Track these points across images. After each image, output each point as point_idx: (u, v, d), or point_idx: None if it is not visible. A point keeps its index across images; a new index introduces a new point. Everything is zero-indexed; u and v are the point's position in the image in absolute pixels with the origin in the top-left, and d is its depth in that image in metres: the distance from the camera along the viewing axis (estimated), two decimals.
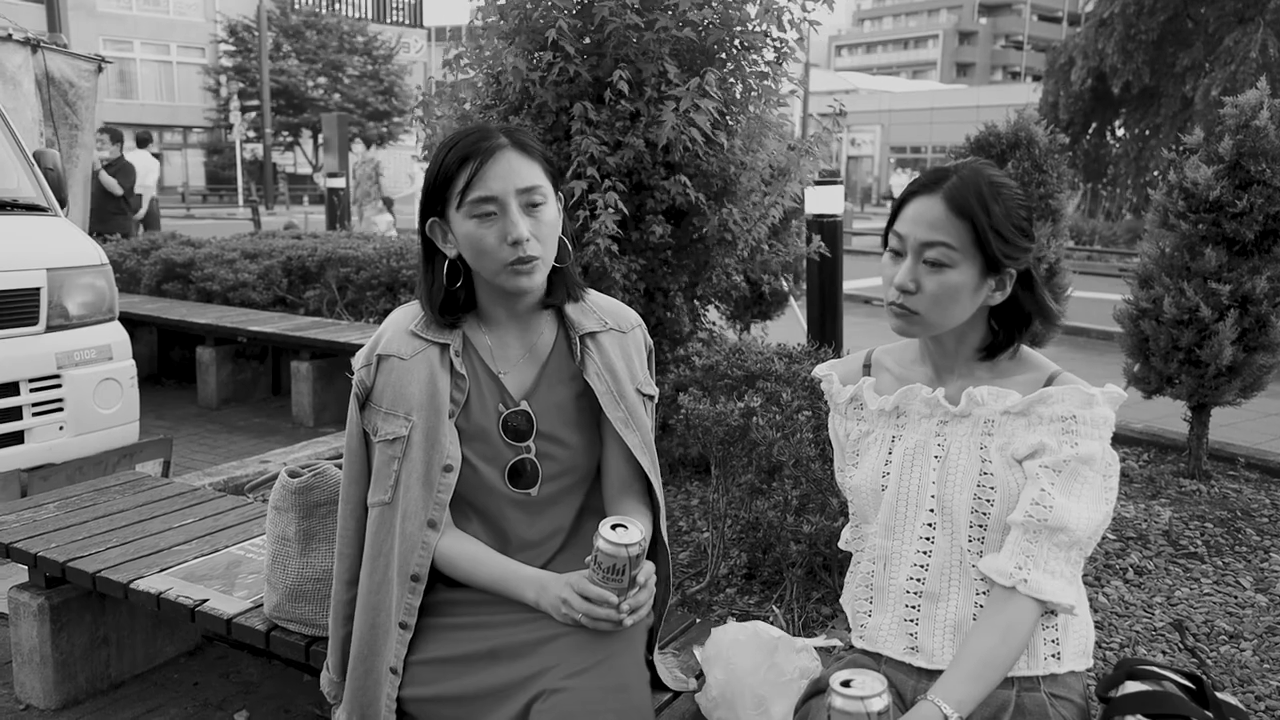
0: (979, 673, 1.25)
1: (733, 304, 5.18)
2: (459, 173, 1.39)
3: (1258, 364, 3.59)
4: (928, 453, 1.40)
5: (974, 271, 1.31)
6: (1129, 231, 15.63)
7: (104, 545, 2.22)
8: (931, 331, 1.38)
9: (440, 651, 1.42)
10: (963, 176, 1.33)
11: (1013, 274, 1.35)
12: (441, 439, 1.43)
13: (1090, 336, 8.42)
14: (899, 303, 1.34)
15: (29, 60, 5.70)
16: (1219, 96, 12.78)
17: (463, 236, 1.41)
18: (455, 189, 1.39)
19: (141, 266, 6.57)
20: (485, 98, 3.39)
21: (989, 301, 1.36)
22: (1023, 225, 1.34)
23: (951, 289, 1.31)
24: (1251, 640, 2.55)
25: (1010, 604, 1.28)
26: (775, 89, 3.46)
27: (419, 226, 1.48)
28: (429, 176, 1.43)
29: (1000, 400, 1.35)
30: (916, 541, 1.40)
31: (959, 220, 1.30)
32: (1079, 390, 1.33)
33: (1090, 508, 1.29)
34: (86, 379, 3.57)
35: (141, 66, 32.71)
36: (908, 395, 1.43)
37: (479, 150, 1.38)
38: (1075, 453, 1.29)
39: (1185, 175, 3.59)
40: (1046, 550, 1.28)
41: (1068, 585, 1.29)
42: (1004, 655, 1.26)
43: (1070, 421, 1.31)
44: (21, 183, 3.88)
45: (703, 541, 2.99)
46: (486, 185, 1.38)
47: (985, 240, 1.29)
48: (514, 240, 1.38)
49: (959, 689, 1.23)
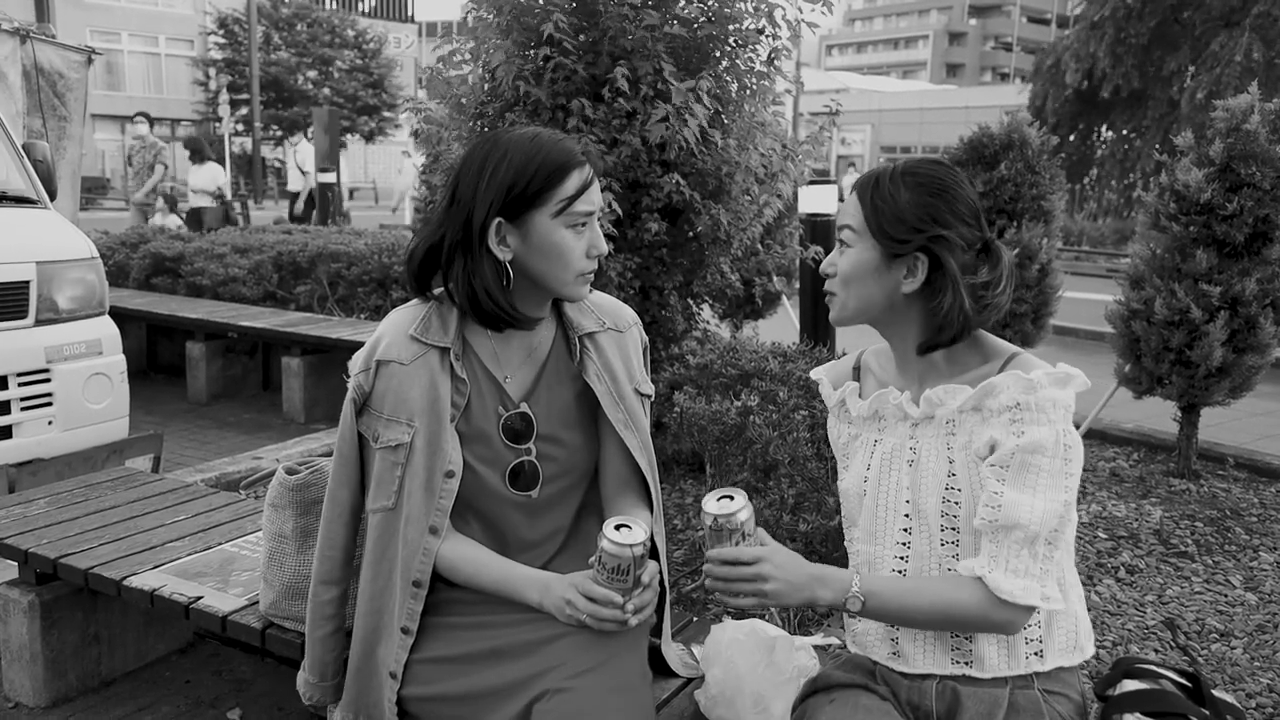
0: (907, 588, 1.32)
1: (726, 303, 5.18)
2: (564, 181, 1.38)
3: (1247, 365, 3.63)
4: (902, 457, 1.39)
5: (873, 251, 1.34)
6: (1117, 233, 15.73)
7: (96, 541, 2.20)
8: (850, 314, 1.40)
9: (442, 651, 1.41)
10: (880, 168, 1.38)
11: (923, 260, 1.32)
12: (444, 445, 1.42)
13: (1079, 337, 8.48)
14: (825, 288, 1.43)
15: (17, 51, 5.64)
16: (1204, 99, 12.89)
17: (546, 243, 1.39)
18: (558, 196, 1.38)
19: (130, 260, 6.53)
20: (480, 94, 3.37)
21: (904, 289, 1.34)
22: (924, 211, 1.31)
23: (854, 267, 1.36)
24: (1242, 638, 2.57)
25: (966, 583, 1.29)
26: (770, 87, 3.46)
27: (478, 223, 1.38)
28: (518, 176, 1.37)
29: (955, 398, 1.34)
30: (894, 546, 1.40)
31: (858, 203, 1.37)
32: (1019, 376, 1.29)
33: (1046, 497, 1.26)
34: (76, 373, 3.54)
35: (129, 58, 32.43)
36: (881, 400, 1.43)
37: (583, 162, 1.40)
38: (1020, 443, 1.26)
39: (1176, 178, 3.62)
40: (1007, 549, 1.26)
41: (1033, 582, 1.26)
42: (935, 598, 1.29)
43: (1015, 410, 1.28)
44: (10, 175, 3.84)
45: (698, 539, 2.99)
46: (590, 199, 1.41)
47: (871, 219, 1.34)
48: (597, 254, 1.44)
49: (881, 584, 1.31)
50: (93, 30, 28.15)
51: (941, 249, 1.31)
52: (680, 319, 3.58)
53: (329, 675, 1.54)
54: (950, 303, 1.31)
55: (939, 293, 1.32)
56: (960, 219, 1.33)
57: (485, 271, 1.40)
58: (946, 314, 1.31)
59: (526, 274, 1.42)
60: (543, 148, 1.39)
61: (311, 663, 1.55)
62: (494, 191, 1.38)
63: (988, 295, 1.34)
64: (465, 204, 1.40)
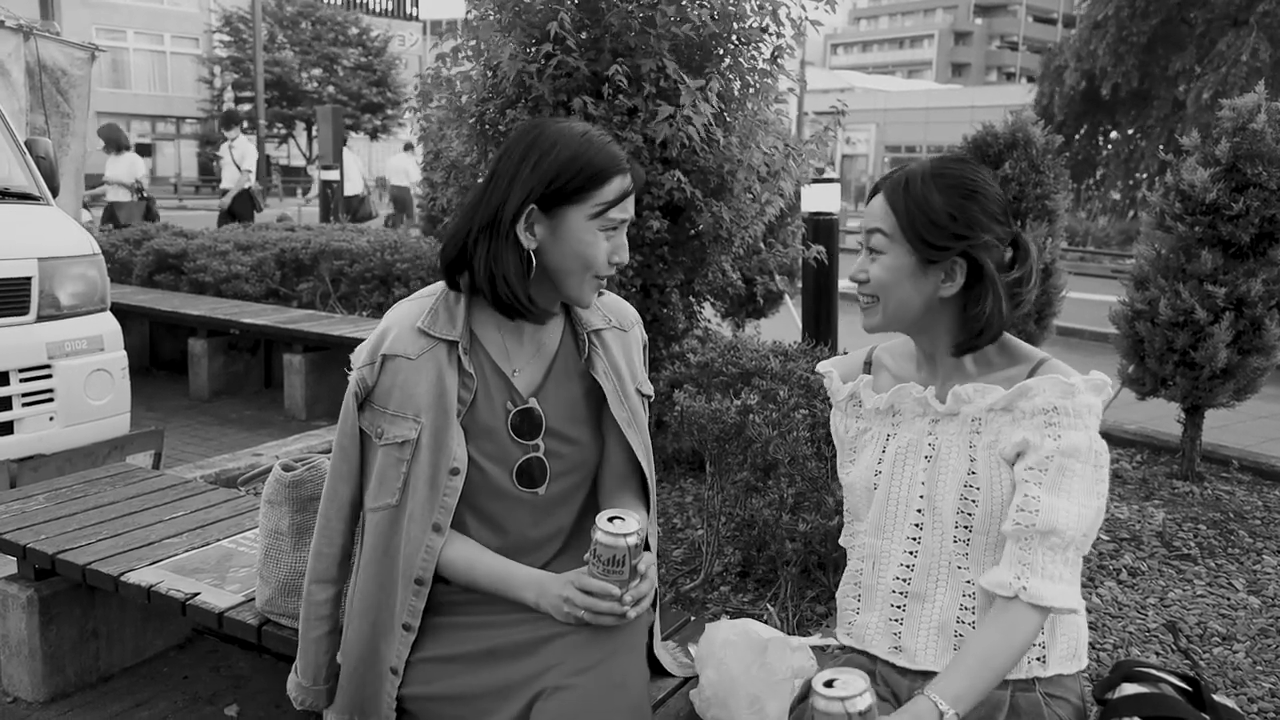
0: (978, 671, 1.23)
1: (728, 302, 5.17)
2: (607, 184, 1.38)
3: (1252, 366, 3.60)
4: (919, 452, 1.39)
5: (910, 258, 1.33)
6: (1122, 233, 15.68)
7: (94, 537, 2.20)
8: (892, 323, 1.38)
9: (441, 650, 1.40)
10: (907, 169, 1.35)
11: (961, 263, 1.32)
12: (449, 441, 1.40)
13: (1083, 338, 8.46)
14: (855, 293, 1.41)
15: (20, 47, 5.64)
16: (1209, 99, 12.85)
17: (576, 241, 1.38)
18: (599, 198, 1.37)
19: (133, 257, 6.54)
20: (482, 90, 3.37)
21: (942, 293, 1.34)
22: (960, 214, 1.31)
23: (890, 272, 1.34)
24: (1244, 642, 2.55)
25: (1012, 609, 1.26)
26: (773, 86, 3.45)
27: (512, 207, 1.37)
28: (562, 169, 1.36)
29: (985, 396, 1.34)
30: (904, 541, 1.39)
31: (889, 207, 1.34)
32: (1059, 380, 1.29)
33: (1081, 503, 1.26)
34: (77, 369, 3.54)
35: (135, 56, 32.51)
36: (900, 394, 1.42)
37: (627, 170, 1.40)
38: (1058, 446, 1.27)
39: (1182, 177, 3.59)
40: (1041, 555, 1.26)
41: (1068, 587, 1.27)
42: (1005, 656, 1.25)
43: (1052, 414, 1.28)
44: (13, 171, 3.84)
45: (697, 539, 2.98)
46: (626, 208, 1.42)
47: (905, 225, 1.32)
48: (618, 261, 1.43)
49: (956, 684, 1.21)
50: (98, 28, 28.23)
51: (979, 252, 1.32)
52: (681, 317, 3.57)
53: (322, 679, 1.51)
54: (991, 306, 1.32)
55: (980, 297, 1.33)
56: (994, 219, 1.33)
57: (508, 257, 1.39)
58: (988, 317, 1.33)
59: (545, 267, 1.41)
60: (592, 145, 1.38)
61: (304, 665, 1.52)
62: (536, 179, 1.37)
63: (1022, 292, 1.36)
64: (502, 187, 1.38)
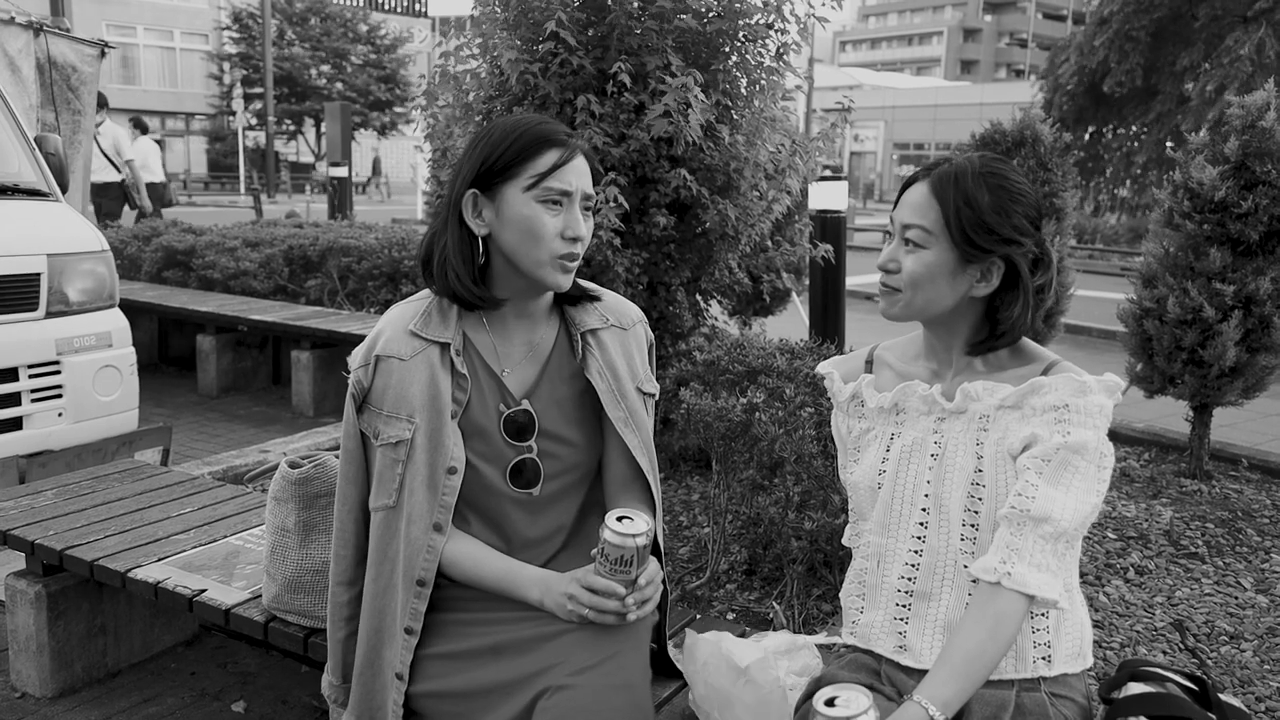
0: (965, 670, 1.21)
1: (734, 299, 5.17)
2: (539, 156, 1.37)
3: (1260, 365, 3.59)
4: (924, 450, 1.38)
5: (950, 255, 1.31)
6: (1131, 231, 15.60)
7: (102, 533, 2.21)
8: (913, 314, 1.37)
9: (445, 647, 1.41)
10: (956, 164, 1.34)
11: (999, 265, 1.32)
12: (445, 441, 1.40)
13: (1091, 335, 8.42)
14: (881, 281, 1.39)
15: (31, 44, 5.66)
16: (1213, 94, 12.76)
17: (518, 218, 1.38)
18: (531, 170, 1.37)
19: (142, 253, 6.56)
20: (488, 88, 3.37)
21: (974, 292, 1.34)
22: (1006, 218, 1.31)
23: (926, 268, 1.32)
24: (1252, 641, 2.54)
25: (996, 599, 1.24)
26: (779, 83, 3.44)
27: (454, 196, 1.41)
28: (494, 148, 1.38)
29: (994, 394, 1.33)
30: (909, 540, 1.38)
31: (936, 203, 1.32)
32: (1072, 379, 1.30)
33: (1079, 498, 1.26)
34: (86, 365, 3.55)
35: (145, 52, 32.60)
36: (905, 392, 1.42)
37: (564, 143, 1.39)
38: (1065, 441, 1.26)
39: (1191, 175, 3.58)
40: (1031, 542, 1.25)
41: (1053, 578, 1.25)
42: (991, 651, 1.22)
43: (1063, 410, 1.28)
44: (22, 167, 3.86)
45: (703, 537, 2.98)
46: (565, 178, 1.38)
47: (953, 223, 1.30)
48: (573, 236, 1.39)
49: (945, 688, 1.19)
50: (108, 24, 28.31)
51: (1019, 256, 1.32)
52: (688, 315, 3.56)
53: (351, 678, 1.51)
54: (1020, 310, 1.33)
55: (1012, 301, 1.33)
56: (1034, 224, 1.34)
57: (456, 246, 1.41)
58: (1016, 319, 1.33)
59: (500, 251, 1.42)
60: (522, 124, 1.40)
61: (333, 665, 1.54)
62: (472, 164, 1.40)
63: (1042, 298, 1.36)
64: (454, 183, 1.42)
